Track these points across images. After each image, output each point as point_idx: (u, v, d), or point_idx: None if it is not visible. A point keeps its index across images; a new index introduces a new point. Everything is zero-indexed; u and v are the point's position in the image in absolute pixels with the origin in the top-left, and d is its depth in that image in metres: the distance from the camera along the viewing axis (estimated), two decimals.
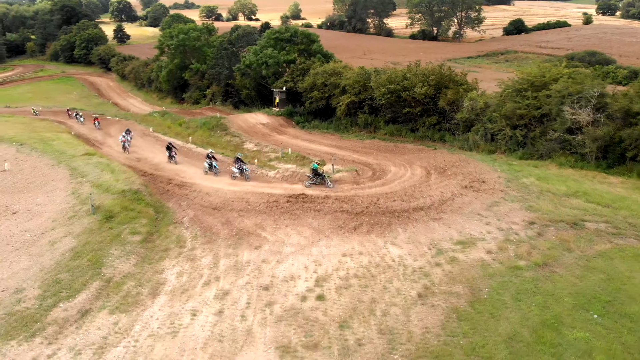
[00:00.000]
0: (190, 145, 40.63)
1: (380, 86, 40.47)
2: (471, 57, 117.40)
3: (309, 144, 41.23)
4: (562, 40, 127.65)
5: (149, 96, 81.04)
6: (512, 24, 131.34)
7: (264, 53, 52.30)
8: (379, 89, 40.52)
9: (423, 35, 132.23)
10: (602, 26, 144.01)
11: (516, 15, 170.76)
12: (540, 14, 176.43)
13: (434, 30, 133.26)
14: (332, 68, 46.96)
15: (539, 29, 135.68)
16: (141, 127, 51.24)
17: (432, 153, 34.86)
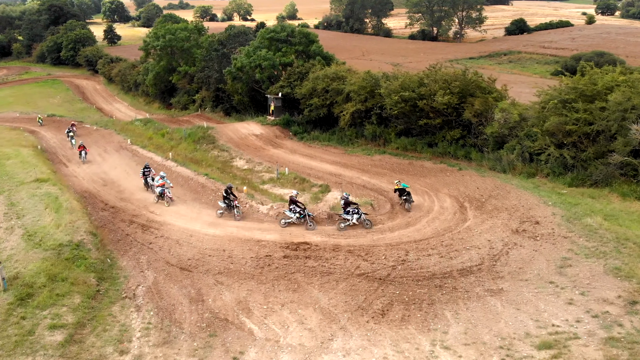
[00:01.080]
0: (169, 163, 33.84)
1: (392, 93, 33.81)
2: (473, 57, 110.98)
3: (308, 160, 34.56)
4: (566, 40, 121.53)
5: (136, 100, 74.07)
6: (514, 23, 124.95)
7: (258, 54, 45.56)
8: (390, 96, 33.87)
9: (423, 35, 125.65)
10: (605, 26, 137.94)
11: (515, 15, 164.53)
12: (540, 14, 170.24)
13: (433, 30, 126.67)
14: (334, 72, 40.25)
15: (541, 28, 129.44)
16: (119, 139, 44.45)
17: (458, 175, 28.27)
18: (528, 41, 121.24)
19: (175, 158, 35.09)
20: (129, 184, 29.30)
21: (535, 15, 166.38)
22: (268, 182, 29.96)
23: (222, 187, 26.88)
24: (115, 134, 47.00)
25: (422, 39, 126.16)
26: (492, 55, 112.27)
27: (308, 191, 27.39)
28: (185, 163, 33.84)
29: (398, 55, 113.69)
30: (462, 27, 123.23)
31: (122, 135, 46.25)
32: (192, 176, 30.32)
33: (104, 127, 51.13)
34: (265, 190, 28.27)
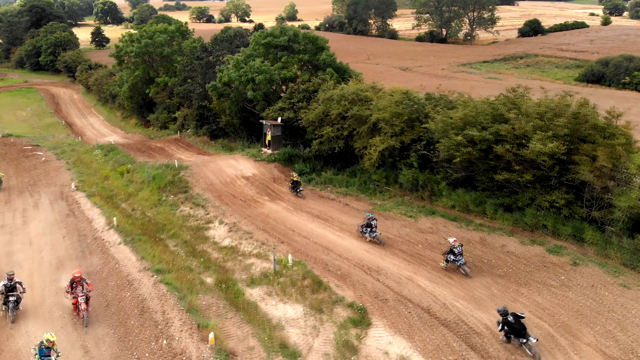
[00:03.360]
0: (110, 236, 21.38)
1: (449, 129, 21.41)
2: (487, 61, 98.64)
3: (322, 226, 22.09)
4: (584, 42, 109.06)
5: (113, 115, 61.38)
6: (528, 24, 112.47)
7: (250, 66, 32.98)
8: (447, 134, 21.46)
9: (431, 37, 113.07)
10: (622, 27, 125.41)
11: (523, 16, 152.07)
12: (547, 15, 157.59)
13: (442, 32, 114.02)
14: (354, 91, 27.67)
15: (556, 30, 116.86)
16: (66, 178, 31.95)
17: (576, 276, 15.96)
18: (544, 43, 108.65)
19: (123, 225, 22.56)
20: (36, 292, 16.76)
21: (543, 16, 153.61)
22: (259, 281, 17.48)
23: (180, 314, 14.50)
24: (65, 169, 34.52)
25: (431, 40, 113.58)
26: (507, 59, 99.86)
27: (328, 316, 14.96)
28: (134, 236, 21.32)
29: (406, 58, 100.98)
30: (473, 29, 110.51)
31: (73, 171, 33.82)
32: (135, 274, 17.86)
33: (57, 156, 38.69)
34: (254, 305, 15.87)
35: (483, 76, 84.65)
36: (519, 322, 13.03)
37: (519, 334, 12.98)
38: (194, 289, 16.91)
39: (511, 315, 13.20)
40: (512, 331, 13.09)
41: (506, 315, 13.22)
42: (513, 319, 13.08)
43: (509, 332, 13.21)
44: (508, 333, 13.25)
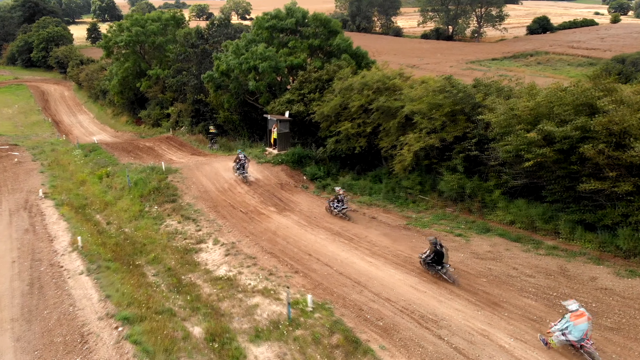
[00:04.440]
0: (66, 261, 15.93)
1: (514, 124, 15.98)
2: (496, 59, 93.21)
3: (348, 251, 16.59)
4: (594, 40, 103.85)
5: (103, 112, 55.83)
6: (537, 22, 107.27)
7: (252, 51, 27.51)
8: (512, 131, 16.04)
9: (437, 34, 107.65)
10: (632, 25, 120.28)
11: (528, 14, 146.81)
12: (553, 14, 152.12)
13: (449, 29, 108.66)
14: (379, 78, 22.19)
15: (565, 27, 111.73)
16: (36, 182, 26.48)
17: None
18: (554, 41, 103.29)
19: (89, 246, 17.08)
20: None
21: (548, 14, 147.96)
22: (267, 335, 12.02)
23: None
24: (38, 172, 29.04)
25: (437, 38, 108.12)
26: (517, 57, 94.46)
27: None
28: (101, 262, 15.87)
29: (412, 56, 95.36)
30: (480, 26, 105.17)
31: (46, 174, 28.39)
32: (93, 323, 12.39)
33: (34, 157, 33.29)
34: None
35: (494, 74, 79.64)
36: (441, 252, 14.09)
37: (439, 262, 14.14)
38: (174, 347, 11.48)
39: (439, 245, 14.17)
40: (437, 260, 14.14)
41: (436, 245, 14.10)
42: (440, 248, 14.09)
43: (432, 260, 14.23)
44: (432, 261, 14.26)
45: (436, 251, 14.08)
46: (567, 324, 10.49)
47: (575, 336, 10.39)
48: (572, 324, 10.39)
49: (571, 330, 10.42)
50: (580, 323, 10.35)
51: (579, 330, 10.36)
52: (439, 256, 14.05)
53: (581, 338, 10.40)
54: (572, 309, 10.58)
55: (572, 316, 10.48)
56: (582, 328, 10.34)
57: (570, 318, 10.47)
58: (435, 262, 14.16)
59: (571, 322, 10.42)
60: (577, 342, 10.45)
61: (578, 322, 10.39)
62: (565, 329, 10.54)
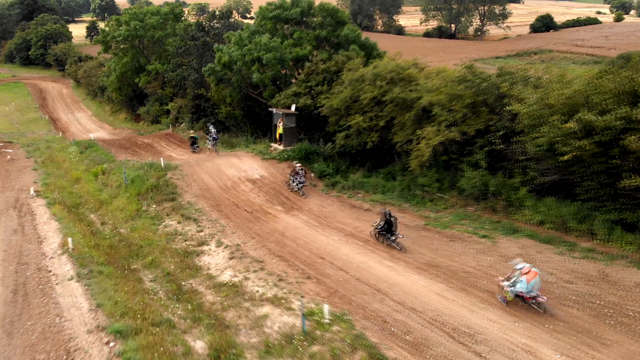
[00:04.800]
0: (55, 265, 14.40)
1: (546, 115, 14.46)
2: (500, 57, 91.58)
3: (364, 254, 15.08)
4: (599, 38, 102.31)
5: (102, 109, 54.28)
6: (540, 20, 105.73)
7: (256, 42, 25.96)
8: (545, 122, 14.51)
9: (439, 32, 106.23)
10: (635, 24, 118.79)
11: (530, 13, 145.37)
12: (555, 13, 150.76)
13: (451, 27, 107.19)
14: (393, 68, 20.65)
15: (569, 25, 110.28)
16: (29, 180, 24.94)
17: None
18: (558, 39, 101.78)
19: (81, 248, 15.54)
20: None
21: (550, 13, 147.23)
22: (279, 351, 10.48)
23: None
24: (31, 169, 27.49)
25: (439, 36, 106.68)
26: (521, 55, 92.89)
27: None
28: (93, 266, 14.35)
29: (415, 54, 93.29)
30: (483, 24, 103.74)
31: (39, 172, 26.84)
32: (82, 337, 10.89)
33: (28, 154, 31.76)
34: None
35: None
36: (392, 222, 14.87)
37: (390, 231, 14.91)
38: None
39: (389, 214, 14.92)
40: (387, 229, 14.91)
41: (387, 215, 14.96)
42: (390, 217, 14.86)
43: (383, 229, 15.03)
44: (382, 231, 15.08)
45: (387, 220, 15.18)
46: (515, 278, 11.68)
47: (524, 288, 11.50)
48: (523, 280, 11.47)
49: (521, 284, 11.51)
50: (530, 280, 11.44)
51: (529, 285, 11.45)
52: (390, 225, 15.16)
53: (531, 290, 11.50)
54: (519, 267, 11.67)
55: (522, 274, 11.56)
56: (532, 283, 11.45)
57: (521, 275, 11.55)
58: (386, 231, 15.22)
59: (522, 278, 11.49)
60: (526, 293, 11.56)
61: (528, 278, 11.47)
62: (515, 283, 11.65)
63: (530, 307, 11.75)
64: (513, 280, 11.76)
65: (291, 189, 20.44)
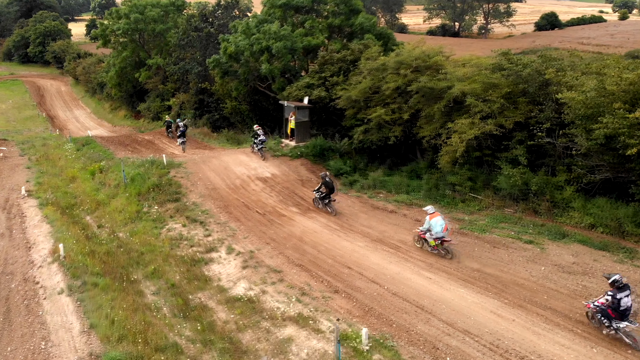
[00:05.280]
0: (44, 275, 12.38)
1: (606, 103, 12.49)
2: None
3: (397, 263, 13.10)
4: (604, 36, 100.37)
5: (101, 106, 52.19)
6: (545, 18, 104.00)
7: (264, 31, 23.95)
8: (606, 112, 12.53)
9: (443, 31, 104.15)
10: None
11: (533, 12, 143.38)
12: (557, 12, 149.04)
13: (455, 25, 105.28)
14: (419, 55, 18.67)
15: (573, 24, 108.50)
16: (21, 179, 22.95)
17: None
18: (563, 37, 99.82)
19: (74, 256, 13.52)
20: None
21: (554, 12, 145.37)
22: None
23: None
24: (24, 167, 25.45)
25: (443, 34, 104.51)
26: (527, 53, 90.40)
27: None
28: (87, 277, 12.35)
29: None
30: (488, 22, 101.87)
31: (33, 170, 24.83)
32: None
33: (22, 151, 29.78)
34: None
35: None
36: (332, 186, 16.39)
37: (328, 196, 16.31)
38: None
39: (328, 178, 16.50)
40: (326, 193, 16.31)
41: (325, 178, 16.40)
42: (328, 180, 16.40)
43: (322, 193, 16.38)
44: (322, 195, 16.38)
45: (325, 183, 16.30)
46: (428, 223, 13.17)
47: (436, 231, 13.00)
48: (432, 223, 13.03)
49: (433, 227, 13.06)
50: (436, 220, 13.02)
51: (437, 225, 13.02)
52: (329, 188, 16.30)
53: (440, 232, 12.98)
54: (431, 211, 13.32)
55: (430, 217, 13.15)
56: (439, 223, 12.99)
57: (430, 218, 13.12)
58: (325, 196, 16.40)
59: (430, 221, 13.07)
60: (439, 237, 13.02)
61: (435, 219, 13.06)
62: (429, 228, 13.15)
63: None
64: (426, 227, 13.32)
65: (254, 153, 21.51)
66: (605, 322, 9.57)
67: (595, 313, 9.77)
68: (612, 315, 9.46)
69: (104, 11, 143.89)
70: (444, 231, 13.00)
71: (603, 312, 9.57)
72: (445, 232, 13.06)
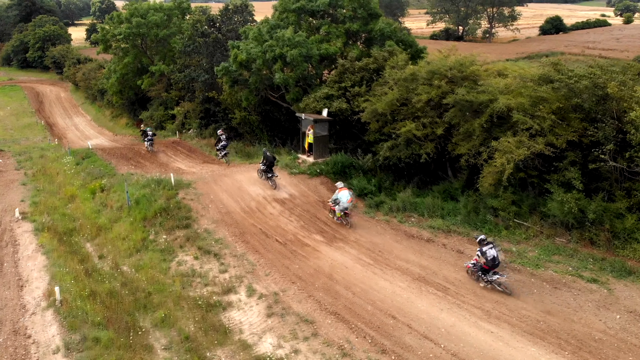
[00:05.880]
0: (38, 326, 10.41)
1: None
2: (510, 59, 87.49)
3: (449, 310, 11.23)
4: (610, 40, 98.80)
5: (101, 113, 50.24)
6: (550, 22, 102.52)
7: (278, 37, 22.07)
8: None
9: (446, 35, 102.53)
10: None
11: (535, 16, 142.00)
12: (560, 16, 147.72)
13: (459, 29, 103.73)
14: (454, 65, 16.78)
15: (578, 28, 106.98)
16: (13, 199, 21.03)
17: None
18: (568, 41, 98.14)
19: (72, 300, 11.60)
20: None
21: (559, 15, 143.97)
22: None
23: None
24: (20, 184, 23.53)
25: (446, 39, 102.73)
26: (532, 57, 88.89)
27: None
28: (87, 328, 10.42)
29: None
30: (492, 26, 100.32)
31: (29, 187, 22.92)
32: None
33: (19, 164, 27.97)
34: None
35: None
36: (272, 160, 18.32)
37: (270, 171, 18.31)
38: None
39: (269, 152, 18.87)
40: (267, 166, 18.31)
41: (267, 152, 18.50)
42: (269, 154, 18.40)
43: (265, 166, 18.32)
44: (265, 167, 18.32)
45: (266, 156, 18.22)
46: (335, 196, 15.49)
47: (343, 202, 15.27)
48: (340, 195, 15.30)
49: (340, 199, 15.31)
50: (343, 193, 15.35)
51: (344, 197, 15.28)
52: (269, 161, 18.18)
53: (346, 202, 15.27)
54: (340, 186, 15.65)
55: (339, 190, 15.46)
56: (346, 195, 15.32)
57: (338, 191, 15.44)
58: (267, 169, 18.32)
59: (339, 193, 15.35)
60: (344, 209, 15.33)
61: (342, 192, 15.38)
62: (337, 200, 15.35)
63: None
64: (334, 198, 15.50)
65: (219, 159, 22.60)
66: (482, 276, 11.92)
67: (474, 270, 12.24)
68: (486, 269, 11.75)
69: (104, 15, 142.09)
70: (349, 202, 15.35)
71: (479, 268, 11.95)
72: (350, 203, 15.40)
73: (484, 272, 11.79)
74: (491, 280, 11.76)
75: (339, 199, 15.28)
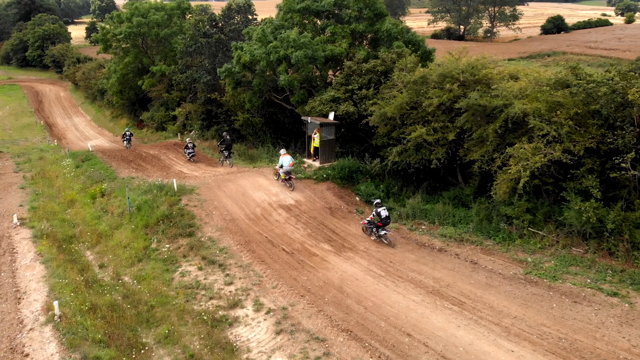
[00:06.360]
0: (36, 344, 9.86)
1: None
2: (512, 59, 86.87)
3: (467, 327, 10.71)
4: (612, 40, 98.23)
5: (101, 114, 49.64)
6: (551, 21, 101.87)
7: (283, 38, 21.51)
8: None
9: (448, 34, 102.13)
10: None
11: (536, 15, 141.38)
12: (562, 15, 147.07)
13: (460, 28, 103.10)
14: (466, 68, 16.22)
15: (580, 27, 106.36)
16: (12, 203, 20.49)
17: None
18: (570, 41, 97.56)
19: (71, 315, 11.06)
20: None
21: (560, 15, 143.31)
22: None
23: None
24: (18, 187, 22.97)
25: (447, 38, 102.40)
26: (534, 57, 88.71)
27: None
28: (87, 347, 9.88)
29: None
30: (493, 25, 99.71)
31: (28, 191, 22.38)
32: None
33: (17, 166, 27.39)
34: None
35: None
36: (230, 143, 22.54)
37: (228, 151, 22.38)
38: None
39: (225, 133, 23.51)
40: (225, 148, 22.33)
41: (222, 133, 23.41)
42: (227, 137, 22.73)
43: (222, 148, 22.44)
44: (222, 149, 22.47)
45: (223, 140, 22.16)
46: (281, 160, 18.07)
47: (285, 167, 17.94)
48: (283, 160, 17.96)
49: (282, 164, 17.96)
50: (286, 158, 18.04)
51: (286, 162, 17.97)
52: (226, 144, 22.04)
53: (288, 166, 17.97)
54: (283, 153, 18.30)
55: (282, 156, 18.15)
56: (288, 160, 18.02)
57: (282, 156, 18.12)
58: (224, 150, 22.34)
59: (282, 158, 18.02)
60: (287, 173, 18.01)
61: (285, 157, 18.05)
62: (281, 165, 17.96)
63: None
64: (280, 163, 17.98)
65: (190, 161, 24.19)
66: (375, 231, 14.65)
67: (368, 226, 14.90)
68: (379, 225, 14.46)
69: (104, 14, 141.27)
70: (291, 166, 17.93)
71: (373, 224, 14.65)
72: (292, 167, 18.07)
73: (378, 228, 14.46)
74: (380, 235, 14.49)
75: (283, 163, 17.88)
